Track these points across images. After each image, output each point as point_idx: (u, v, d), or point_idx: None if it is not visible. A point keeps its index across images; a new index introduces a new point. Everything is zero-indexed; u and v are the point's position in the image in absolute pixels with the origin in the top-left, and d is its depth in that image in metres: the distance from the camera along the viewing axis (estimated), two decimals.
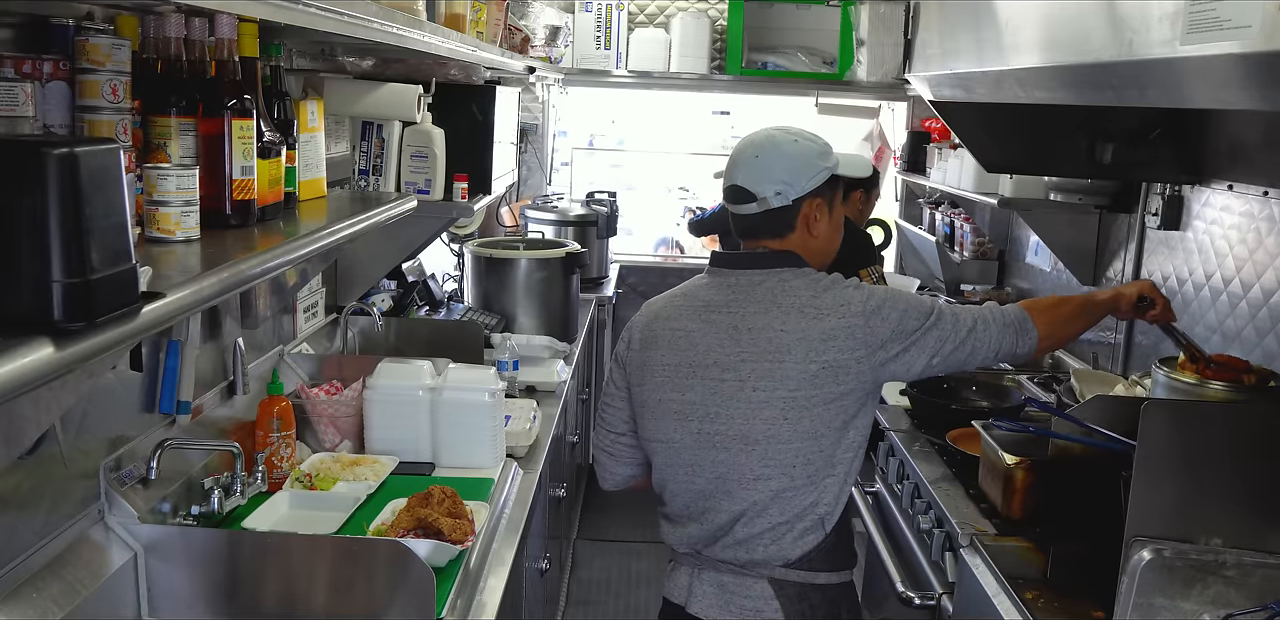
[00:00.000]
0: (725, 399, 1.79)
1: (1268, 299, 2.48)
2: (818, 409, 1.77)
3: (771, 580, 1.82)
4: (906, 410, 2.92)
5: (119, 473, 1.74)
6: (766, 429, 1.77)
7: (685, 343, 1.83)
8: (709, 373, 1.80)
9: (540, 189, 5.21)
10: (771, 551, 1.81)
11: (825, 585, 1.85)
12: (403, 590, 1.63)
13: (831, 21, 4.91)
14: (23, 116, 1.31)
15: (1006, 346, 1.84)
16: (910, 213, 5.21)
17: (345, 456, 2.29)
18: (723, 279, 1.86)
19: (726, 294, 1.84)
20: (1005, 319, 1.84)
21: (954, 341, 1.79)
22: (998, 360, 1.88)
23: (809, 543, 1.82)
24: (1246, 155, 2.61)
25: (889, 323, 1.76)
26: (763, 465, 1.78)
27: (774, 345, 1.76)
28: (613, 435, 2.00)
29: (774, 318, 1.78)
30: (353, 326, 2.99)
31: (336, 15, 1.56)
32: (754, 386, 1.77)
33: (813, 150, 1.83)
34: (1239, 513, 1.63)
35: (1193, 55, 1.34)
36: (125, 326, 1.03)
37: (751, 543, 1.82)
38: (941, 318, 1.80)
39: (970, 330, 1.81)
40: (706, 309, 1.84)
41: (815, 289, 1.80)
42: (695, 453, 1.83)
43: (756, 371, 1.77)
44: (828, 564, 1.85)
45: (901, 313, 1.77)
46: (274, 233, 1.63)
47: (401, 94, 2.74)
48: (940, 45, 2.65)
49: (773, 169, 1.81)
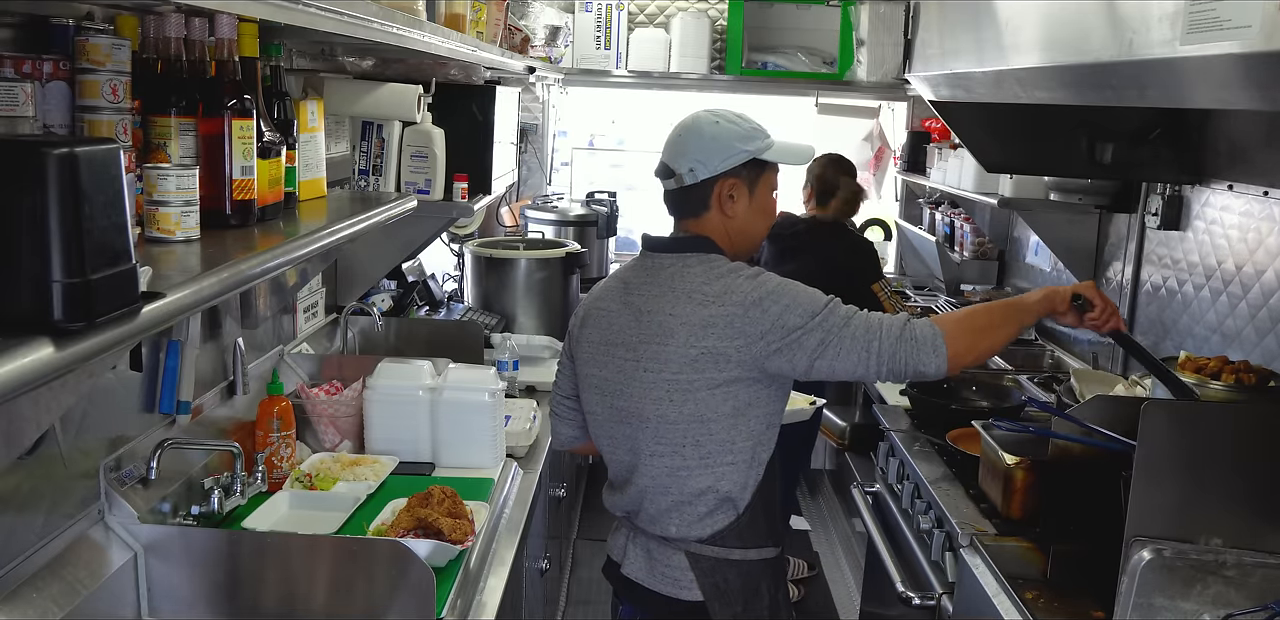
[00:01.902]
0: (627, 377, 1.87)
1: (1268, 299, 2.48)
2: (702, 393, 1.81)
3: (688, 553, 1.89)
4: (906, 410, 2.92)
5: (119, 473, 1.74)
6: (655, 408, 1.84)
7: (605, 322, 1.92)
8: (617, 351, 1.89)
9: (540, 189, 5.21)
10: (682, 529, 1.88)
11: (740, 561, 1.89)
12: (403, 590, 1.63)
13: (831, 21, 4.91)
14: (23, 116, 1.31)
15: (909, 363, 1.75)
16: (910, 213, 5.21)
17: (345, 456, 2.29)
18: (642, 261, 1.94)
19: (641, 276, 1.91)
20: (910, 334, 1.76)
21: (837, 347, 1.75)
22: (903, 376, 1.79)
23: (718, 523, 1.87)
24: (1246, 155, 2.61)
25: (769, 316, 1.76)
26: (655, 442, 1.86)
27: (662, 328, 1.82)
28: (559, 398, 2.10)
29: (667, 301, 1.84)
30: (353, 326, 2.99)
31: (336, 15, 1.56)
32: (645, 367, 1.84)
33: (733, 132, 1.87)
34: (1239, 513, 1.64)
35: (1193, 55, 1.34)
36: (125, 326, 1.03)
37: (662, 519, 1.90)
38: (828, 320, 1.76)
39: (858, 339, 1.75)
40: (625, 290, 1.92)
41: (709, 276, 1.83)
42: (611, 426, 1.93)
43: (647, 353, 1.84)
44: (741, 542, 1.89)
45: (784, 308, 1.76)
46: (274, 233, 1.63)
47: (401, 94, 2.74)
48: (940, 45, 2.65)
49: (689, 147, 1.88)
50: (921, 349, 1.75)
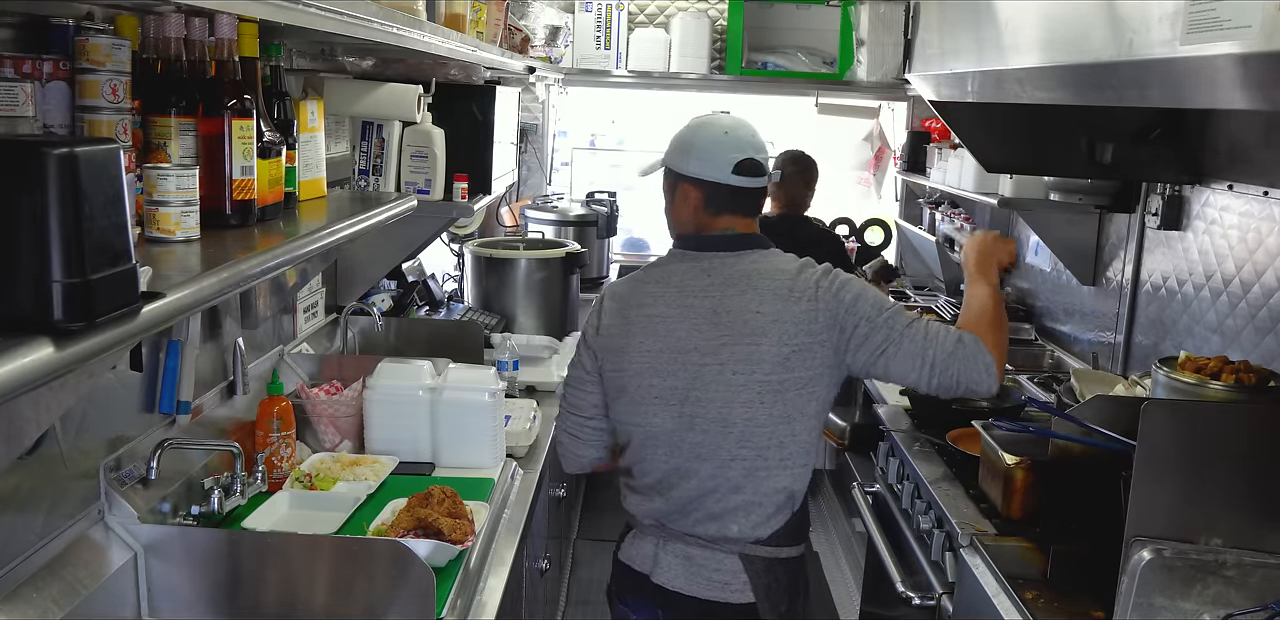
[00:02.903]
0: (705, 383, 1.82)
1: (1268, 299, 2.48)
2: (790, 394, 1.81)
3: (742, 556, 1.88)
4: (906, 410, 2.92)
5: (119, 473, 1.74)
6: (744, 412, 1.81)
7: (664, 329, 1.86)
8: (688, 357, 1.84)
9: (540, 189, 5.21)
10: (745, 530, 1.87)
11: (788, 559, 1.91)
12: (403, 590, 1.63)
13: (831, 21, 4.91)
14: (23, 116, 1.31)
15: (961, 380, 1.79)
16: (910, 213, 5.21)
17: (345, 456, 2.29)
18: (691, 263, 1.90)
19: (700, 278, 1.87)
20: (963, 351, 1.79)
21: (897, 347, 1.79)
22: (954, 391, 1.81)
23: (777, 522, 1.88)
24: (1246, 155, 2.61)
25: (848, 306, 1.81)
26: (739, 447, 1.83)
27: (750, 328, 1.80)
28: (579, 419, 2.00)
29: (750, 299, 1.81)
30: (353, 326, 2.99)
31: (336, 15, 1.56)
32: (733, 370, 1.81)
33: None
34: (1239, 513, 1.63)
35: (1193, 55, 1.34)
36: (125, 326, 1.03)
37: (725, 519, 1.87)
38: (894, 319, 1.82)
39: (916, 343, 1.79)
40: (683, 293, 1.87)
41: (789, 271, 1.84)
42: (675, 434, 1.87)
43: (735, 355, 1.81)
44: (792, 539, 1.91)
45: (856, 297, 1.82)
46: (274, 233, 1.63)
47: (401, 94, 2.74)
48: (940, 45, 2.64)
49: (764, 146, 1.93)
50: (975, 368, 1.79)
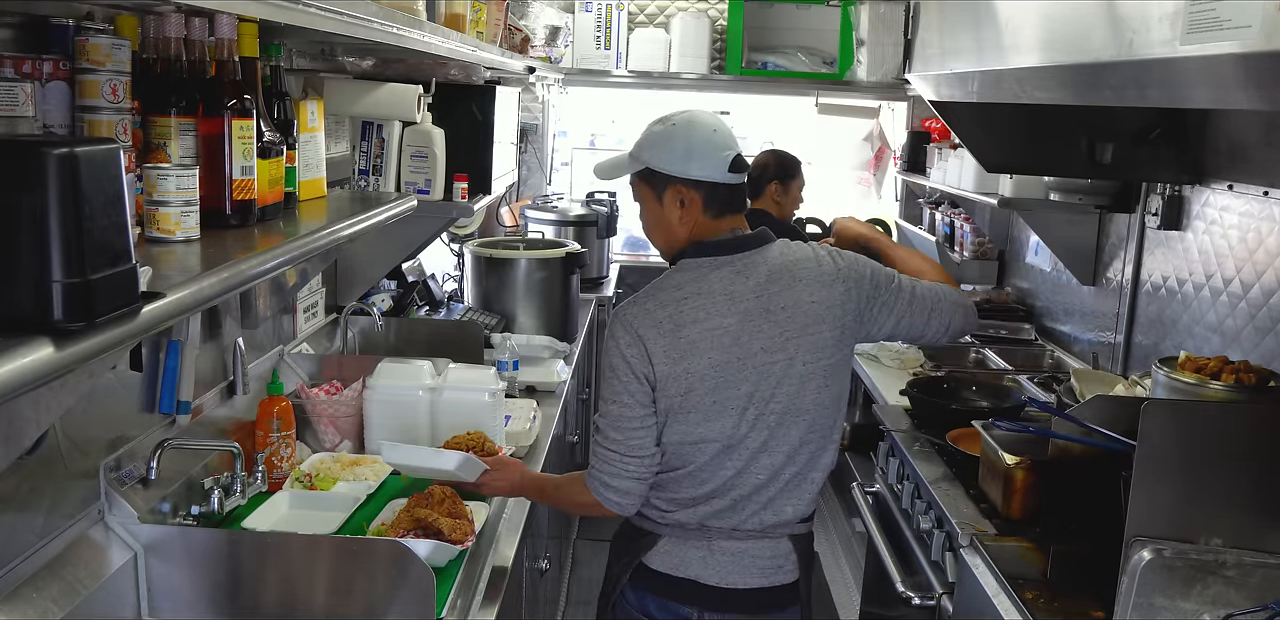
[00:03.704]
0: (777, 380, 1.83)
1: (1268, 299, 2.48)
2: (842, 371, 1.91)
3: (791, 537, 1.92)
4: (906, 410, 2.92)
5: (119, 473, 1.74)
6: (815, 397, 1.86)
7: (727, 341, 1.80)
8: (756, 360, 1.82)
9: (540, 189, 5.21)
10: (799, 509, 1.91)
11: (813, 532, 1.99)
12: (403, 590, 1.63)
13: (831, 21, 4.91)
14: (23, 116, 1.31)
15: (965, 327, 2.04)
16: (910, 213, 5.21)
17: (345, 456, 2.29)
18: (728, 267, 1.84)
19: (741, 283, 1.84)
20: (959, 299, 2.01)
21: (909, 306, 1.96)
22: (947, 337, 2.02)
23: (815, 499, 1.95)
24: (1246, 155, 2.61)
25: (867, 279, 1.92)
26: (810, 431, 1.87)
27: (810, 317, 1.85)
28: (642, 461, 1.84)
29: (800, 291, 1.86)
30: (353, 326, 2.99)
31: (336, 15, 1.56)
32: (803, 360, 1.84)
33: None
34: (1239, 513, 1.63)
35: (1193, 55, 1.34)
36: (125, 326, 1.03)
37: (779, 501, 1.89)
38: (901, 283, 1.97)
39: (925, 300, 1.97)
40: (732, 300, 1.82)
41: (814, 258, 1.91)
42: (744, 438, 1.84)
43: (803, 346, 1.84)
44: (816, 514, 1.99)
45: (871, 269, 1.95)
46: (274, 233, 1.63)
47: (401, 94, 2.74)
48: (940, 45, 2.65)
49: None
50: (969, 314, 2.02)
